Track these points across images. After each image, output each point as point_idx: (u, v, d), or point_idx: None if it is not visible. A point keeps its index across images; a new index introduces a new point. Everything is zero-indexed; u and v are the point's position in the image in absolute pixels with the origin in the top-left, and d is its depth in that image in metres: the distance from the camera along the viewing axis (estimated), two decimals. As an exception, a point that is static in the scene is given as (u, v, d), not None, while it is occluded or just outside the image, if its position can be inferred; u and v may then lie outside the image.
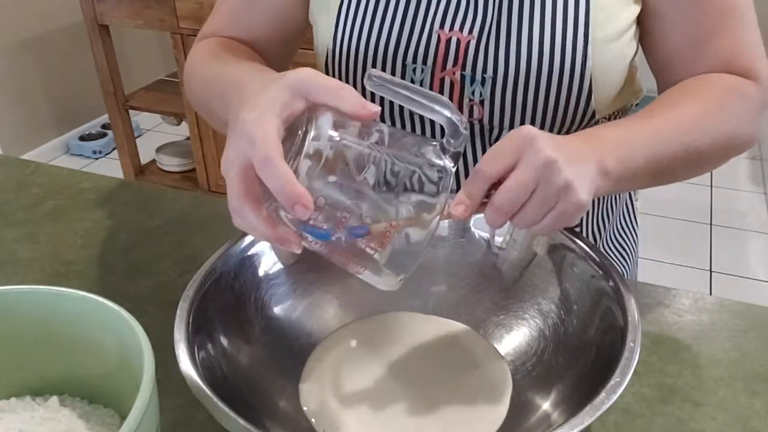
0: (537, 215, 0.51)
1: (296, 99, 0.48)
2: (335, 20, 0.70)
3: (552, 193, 0.49)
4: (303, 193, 0.44)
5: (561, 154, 0.49)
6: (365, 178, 0.47)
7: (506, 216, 0.51)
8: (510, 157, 0.50)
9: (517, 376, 0.60)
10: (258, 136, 0.45)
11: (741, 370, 0.62)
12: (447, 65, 0.67)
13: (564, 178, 0.49)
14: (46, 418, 0.51)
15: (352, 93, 0.48)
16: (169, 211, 0.88)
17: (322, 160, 0.46)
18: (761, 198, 2.57)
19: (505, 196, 0.50)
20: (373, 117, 0.48)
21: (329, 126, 0.46)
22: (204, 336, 0.54)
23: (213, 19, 0.79)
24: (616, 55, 0.66)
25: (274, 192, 0.45)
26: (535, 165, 0.49)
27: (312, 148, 0.45)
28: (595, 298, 0.58)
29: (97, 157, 2.98)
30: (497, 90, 0.66)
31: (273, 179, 0.44)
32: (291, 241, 0.48)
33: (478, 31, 0.66)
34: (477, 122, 0.69)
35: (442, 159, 0.49)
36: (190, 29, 2.14)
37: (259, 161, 0.45)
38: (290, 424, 0.55)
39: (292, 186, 0.44)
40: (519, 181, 0.49)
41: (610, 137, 0.56)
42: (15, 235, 0.84)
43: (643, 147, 0.57)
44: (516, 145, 0.50)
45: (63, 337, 0.52)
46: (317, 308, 0.65)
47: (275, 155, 0.44)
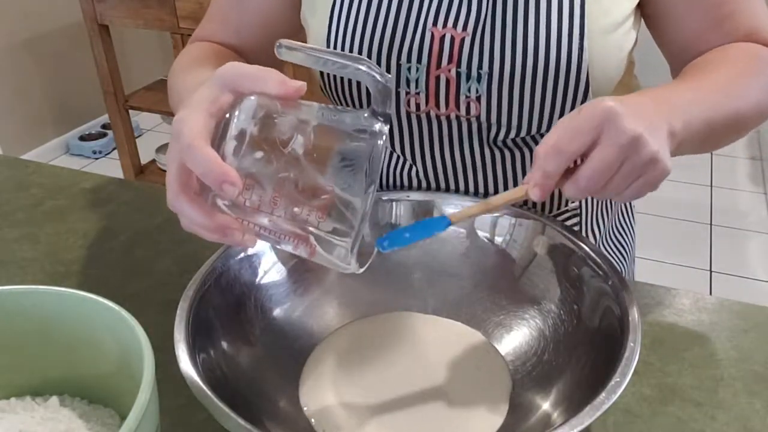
0: (621, 188, 0.51)
1: (224, 92, 0.48)
2: (328, 21, 0.70)
3: (638, 167, 0.50)
4: (227, 171, 0.44)
5: (644, 127, 0.49)
6: (293, 149, 0.46)
7: (591, 194, 0.51)
8: (591, 134, 0.49)
9: (517, 376, 0.60)
10: (182, 131, 0.46)
11: (741, 370, 0.62)
12: (442, 63, 0.67)
13: (650, 152, 0.49)
14: (46, 418, 0.51)
15: (275, 74, 0.48)
16: (169, 211, 0.87)
17: (247, 138, 0.46)
18: (761, 198, 2.57)
19: (591, 175, 0.50)
20: (298, 95, 0.48)
21: (253, 107, 0.47)
22: (204, 336, 0.55)
23: (204, 24, 0.80)
24: (613, 47, 0.65)
25: (202, 176, 0.45)
26: (620, 143, 0.48)
27: (236, 129, 0.46)
28: (595, 298, 0.58)
29: (97, 157, 2.98)
30: (494, 86, 0.66)
31: (197, 163, 0.45)
32: (233, 229, 0.48)
33: (472, 27, 0.65)
34: (474, 119, 0.69)
35: (372, 122, 0.48)
36: (190, 29, 2.14)
37: (182, 150, 0.46)
38: (290, 424, 0.55)
39: (215, 165, 0.44)
40: (605, 161, 0.49)
41: (678, 100, 0.56)
42: (15, 235, 0.84)
43: (702, 111, 0.57)
44: (597, 122, 0.49)
45: (63, 337, 0.52)
46: (317, 308, 0.65)
47: (197, 141, 0.45)
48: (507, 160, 0.72)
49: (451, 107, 0.68)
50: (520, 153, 0.72)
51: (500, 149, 0.72)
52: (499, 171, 0.73)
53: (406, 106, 0.70)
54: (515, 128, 0.69)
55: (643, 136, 0.49)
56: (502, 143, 0.71)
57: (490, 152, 0.72)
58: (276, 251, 0.64)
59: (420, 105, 0.69)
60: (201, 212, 0.48)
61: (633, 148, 0.49)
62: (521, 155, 0.72)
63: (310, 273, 0.66)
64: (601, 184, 0.50)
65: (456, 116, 0.69)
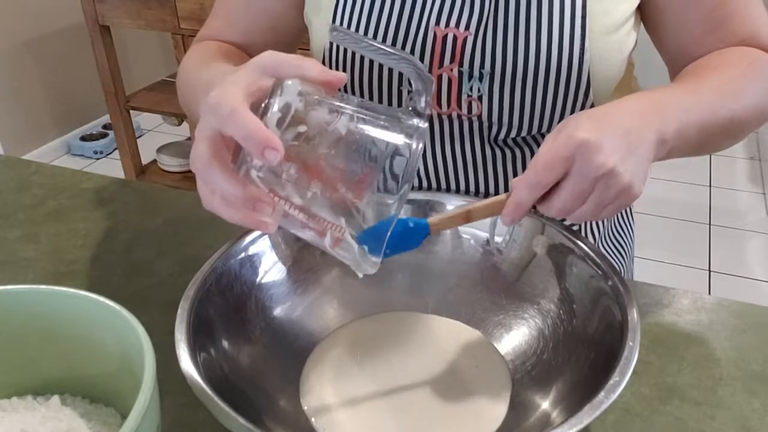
0: (589, 216, 0.52)
1: (263, 77, 0.47)
2: (331, 20, 0.70)
3: (609, 197, 0.50)
4: (271, 136, 0.43)
5: (619, 158, 0.49)
6: (336, 128, 0.46)
7: (562, 217, 0.53)
8: (563, 166, 0.50)
9: (516, 375, 0.60)
10: (222, 101, 0.44)
11: (740, 370, 0.62)
12: (444, 62, 0.67)
13: (621, 184, 0.49)
14: (47, 417, 0.51)
15: (315, 62, 0.48)
16: (170, 210, 0.88)
17: (292, 111, 0.45)
18: (760, 198, 2.57)
19: (561, 206, 0.51)
20: (341, 83, 0.48)
21: (297, 86, 0.46)
22: (205, 336, 0.55)
23: (210, 22, 0.79)
24: (614, 47, 0.66)
25: (243, 140, 0.43)
26: (590, 177, 0.49)
27: (281, 103, 0.45)
28: (595, 298, 0.58)
29: (98, 157, 2.99)
30: (495, 85, 0.66)
31: (239, 127, 0.43)
32: (264, 203, 0.46)
33: (474, 26, 0.66)
34: (476, 118, 0.69)
35: (413, 119, 0.48)
36: (191, 30, 2.14)
37: (223, 117, 0.44)
38: (290, 423, 0.55)
39: (259, 130, 0.43)
40: (575, 192, 0.50)
41: (672, 105, 0.56)
42: (16, 235, 0.84)
43: (697, 114, 0.57)
44: (569, 153, 0.49)
45: (64, 337, 0.52)
46: (317, 308, 0.66)
47: (240, 107, 0.44)
48: (508, 159, 0.73)
49: (452, 106, 0.69)
50: (521, 152, 0.72)
51: (501, 148, 0.72)
52: (500, 169, 0.74)
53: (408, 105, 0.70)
54: (516, 127, 0.69)
55: (615, 169, 0.49)
56: (503, 142, 0.71)
57: (491, 151, 0.72)
58: (276, 251, 0.64)
59: None
60: (234, 181, 0.45)
61: (603, 182, 0.49)
62: (522, 154, 0.72)
63: (311, 273, 0.66)
64: (572, 212, 0.52)
65: (457, 115, 0.69)
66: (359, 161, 0.46)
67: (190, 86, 0.68)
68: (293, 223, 0.48)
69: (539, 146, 0.72)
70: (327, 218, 0.47)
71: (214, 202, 0.47)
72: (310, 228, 0.48)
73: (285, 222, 0.48)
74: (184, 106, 0.73)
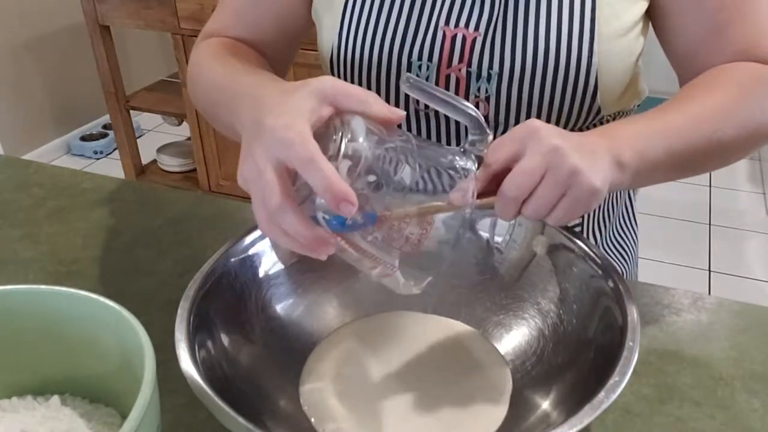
0: (548, 202, 0.50)
1: (323, 106, 0.47)
2: (340, 18, 0.70)
3: (561, 179, 0.49)
4: (348, 191, 0.43)
5: (567, 143, 0.50)
6: (402, 178, 0.47)
7: (516, 204, 0.51)
8: (513, 145, 0.50)
9: (516, 375, 0.60)
10: (295, 139, 0.44)
11: (740, 370, 0.62)
12: (453, 62, 0.67)
13: (572, 164, 0.49)
14: (47, 417, 0.51)
15: (378, 98, 0.48)
16: (170, 211, 0.88)
17: (362, 161, 0.45)
18: (760, 198, 2.57)
19: (512, 182, 0.50)
20: (400, 120, 0.48)
21: (363, 128, 0.46)
22: (205, 335, 0.55)
23: (217, 17, 0.79)
24: (622, 51, 0.66)
25: (320, 191, 0.43)
26: (540, 151, 0.49)
27: (350, 149, 0.45)
28: (595, 298, 0.58)
29: (98, 157, 2.99)
30: (503, 86, 0.66)
31: (319, 178, 0.43)
32: (329, 245, 0.47)
33: (484, 27, 0.66)
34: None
35: (465, 161, 0.50)
36: (191, 30, 2.14)
37: (301, 161, 0.44)
38: (290, 423, 0.55)
39: (339, 184, 0.43)
40: (525, 168, 0.50)
41: (625, 132, 0.56)
42: (16, 235, 0.84)
43: (661, 140, 0.57)
44: (520, 135, 0.50)
45: (64, 337, 0.52)
46: (317, 308, 0.66)
47: (318, 155, 0.44)
48: None
49: None
50: None
51: None
52: None
53: (415, 104, 0.70)
54: None
55: (564, 148, 0.49)
56: None
57: None
58: (276, 251, 0.64)
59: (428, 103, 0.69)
60: (306, 224, 0.46)
61: (554, 157, 0.49)
62: None
63: (311, 273, 0.66)
64: (525, 192, 0.50)
65: None
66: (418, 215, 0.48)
67: (217, 86, 0.66)
68: (349, 255, 0.49)
69: None
70: (383, 259, 0.48)
71: (273, 231, 0.48)
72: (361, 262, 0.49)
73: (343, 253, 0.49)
74: (205, 107, 0.71)
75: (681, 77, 0.71)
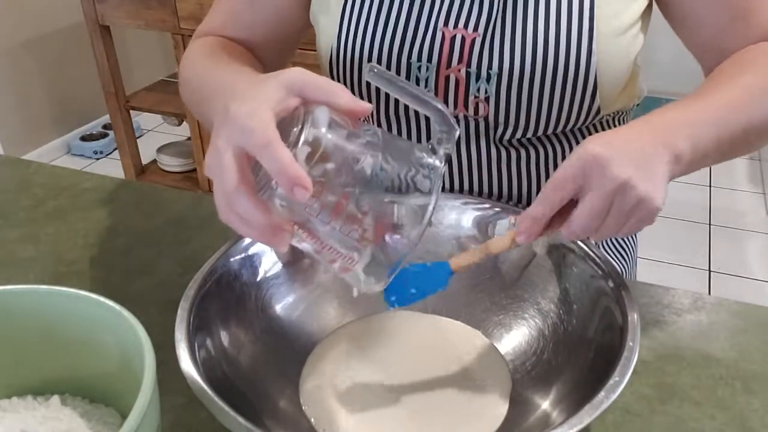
0: (613, 231, 0.52)
1: (290, 96, 0.47)
2: (339, 19, 0.70)
3: (627, 211, 0.50)
4: (302, 175, 0.43)
5: (633, 170, 0.49)
6: (362, 168, 0.46)
7: (586, 236, 0.53)
8: (576, 181, 0.50)
9: (516, 375, 0.60)
10: (255, 126, 0.44)
11: (740, 370, 0.62)
12: (452, 63, 0.67)
13: (638, 196, 0.50)
14: (47, 417, 0.51)
15: (345, 90, 0.48)
16: (170, 211, 0.88)
17: (321, 149, 0.45)
18: (760, 198, 2.57)
19: (581, 223, 0.51)
20: (366, 113, 0.48)
21: (326, 117, 0.46)
22: (204, 335, 0.55)
23: (212, 17, 0.79)
24: (621, 50, 0.66)
25: (275, 174, 0.44)
26: (606, 190, 0.49)
27: (311, 136, 0.45)
28: (595, 298, 0.58)
29: (98, 157, 2.98)
30: (503, 86, 0.66)
31: (274, 161, 0.43)
32: (285, 231, 0.47)
33: (483, 27, 0.66)
34: (482, 120, 0.69)
35: (432, 158, 0.49)
36: (191, 30, 2.14)
37: (259, 146, 0.44)
38: (290, 423, 0.55)
39: (291, 167, 0.43)
40: (594, 209, 0.50)
41: (678, 122, 0.56)
42: (16, 235, 0.84)
43: (709, 127, 0.57)
44: (583, 169, 0.50)
45: (64, 337, 0.52)
46: (317, 308, 0.66)
47: (276, 140, 0.44)
48: (513, 159, 0.73)
49: (459, 107, 0.69)
50: (526, 152, 0.72)
51: (506, 148, 0.72)
52: (504, 169, 0.74)
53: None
54: (522, 128, 0.69)
55: (630, 181, 0.49)
56: (508, 142, 0.71)
57: (497, 151, 0.72)
58: (276, 251, 0.64)
59: None
60: (261, 209, 0.46)
61: (620, 194, 0.50)
62: (527, 154, 0.73)
63: (310, 273, 0.66)
64: (594, 228, 0.52)
65: (464, 116, 0.69)
66: (381, 205, 0.48)
67: (201, 83, 0.67)
68: (307, 247, 0.49)
69: (543, 146, 0.72)
70: (341, 251, 0.48)
71: (231, 218, 0.47)
72: (321, 254, 0.49)
73: (296, 241, 0.49)
74: (190, 102, 0.72)
75: (705, 65, 0.70)
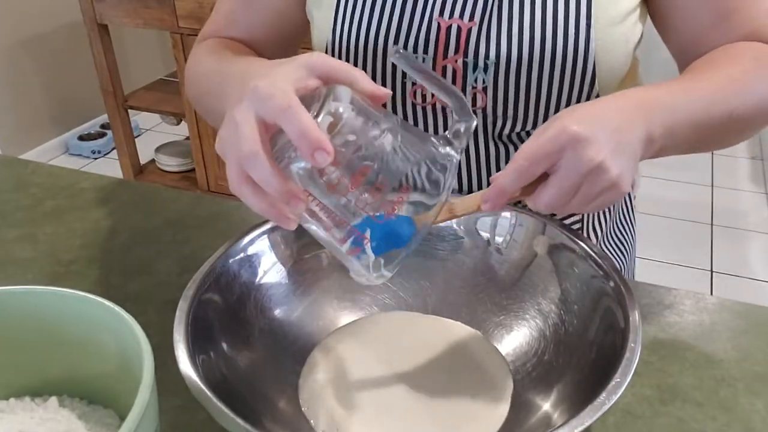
0: (577, 209, 0.52)
1: (311, 77, 0.47)
2: (334, 13, 0.70)
3: (596, 192, 0.50)
4: (324, 139, 0.43)
5: (608, 153, 0.49)
6: (383, 144, 0.47)
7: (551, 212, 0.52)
8: (550, 159, 0.50)
9: (517, 376, 0.59)
10: (276, 92, 0.44)
11: (742, 371, 0.62)
12: (449, 53, 0.67)
13: (609, 179, 0.49)
14: (45, 418, 0.51)
15: (365, 75, 0.48)
16: (169, 210, 0.88)
17: (342, 121, 0.45)
18: (762, 198, 2.57)
19: (549, 200, 0.50)
20: (386, 98, 0.49)
21: (349, 94, 0.47)
22: (203, 336, 0.54)
23: (213, 20, 0.79)
24: (619, 38, 0.65)
25: (296, 137, 0.43)
26: (579, 171, 0.49)
27: (333, 107, 0.45)
28: (596, 299, 0.58)
29: (96, 156, 2.98)
30: (500, 76, 0.66)
31: (295, 123, 0.43)
32: (299, 200, 0.46)
33: (479, 16, 0.66)
34: (480, 111, 0.69)
35: (448, 149, 0.50)
36: (189, 29, 2.14)
37: (279, 109, 0.43)
38: (290, 424, 0.55)
39: (313, 130, 0.43)
40: (563, 187, 0.50)
41: (658, 103, 0.55)
42: (14, 235, 0.84)
43: (689, 113, 0.56)
44: (558, 146, 0.49)
45: (62, 338, 0.52)
46: (317, 309, 0.65)
47: (297, 104, 0.43)
48: (511, 156, 0.73)
49: None
50: None
51: (505, 144, 0.72)
52: (503, 165, 0.73)
53: (412, 98, 0.70)
54: (521, 120, 0.69)
55: (604, 163, 0.49)
56: (507, 138, 0.71)
57: (495, 147, 0.72)
58: (275, 251, 0.64)
59: (426, 96, 0.69)
60: (278, 174, 0.45)
61: (592, 176, 0.49)
62: None
63: (310, 273, 0.66)
64: (560, 205, 0.51)
65: None
66: (398, 182, 0.47)
67: (208, 76, 0.67)
68: (318, 223, 0.49)
69: None
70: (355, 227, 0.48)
71: (243, 188, 0.47)
72: (331, 231, 0.49)
73: (304, 219, 0.49)
74: (198, 96, 0.72)
75: (682, 67, 0.70)
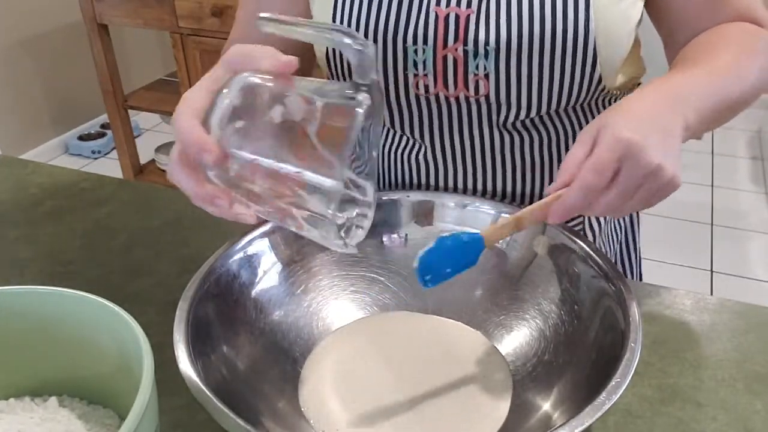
0: (636, 209, 0.53)
1: (227, 72, 0.51)
2: (332, 7, 0.70)
3: (655, 191, 0.52)
4: (203, 139, 0.47)
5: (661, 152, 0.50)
6: (270, 117, 0.48)
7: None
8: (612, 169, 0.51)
9: (517, 376, 0.59)
10: (177, 111, 0.49)
11: (742, 371, 0.62)
12: (448, 42, 0.66)
13: (666, 178, 0.51)
14: (45, 418, 0.51)
15: (267, 52, 0.50)
16: (169, 211, 0.88)
17: (231, 110, 0.48)
18: (762, 198, 2.57)
19: (608, 205, 0.52)
20: (289, 69, 0.50)
21: (241, 82, 0.49)
22: (203, 337, 0.54)
23: (234, 28, 0.81)
24: (619, 17, 0.65)
25: (185, 146, 0.47)
26: (640, 175, 0.50)
27: (224, 100, 0.48)
28: (596, 299, 0.58)
29: (96, 156, 2.98)
30: (501, 61, 0.66)
31: (179, 133, 0.47)
32: (219, 198, 0.50)
33: (476, 3, 0.65)
34: (483, 99, 0.69)
35: (355, 93, 0.47)
36: (189, 29, 2.14)
37: (175, 126, 0.48)
38: (290, 424, 0.55)
39: (191, 135, 0.47)
40: (623, 192, 0.51)
41: (691, 92, 0.57)
42: (14, 235, 0.84)
43: (711, 97, 0.58)
44: (618, 155, 0.50)
45: (62, 338, 0.52)
46: (316, 309, 0.65)
47: (182, 115, 0.48)
48: (516, 144, 0.73)
49: (459, 87, 0.68)
50: (529, 136, 0.72)
51: (509, 132, 0.72)
52: (508, 155, 0.73)
53: (415, 89, 0.70)
54: (525, 107, 0.68)
55: (661, 165, 0.50)
56: (512, 126, 0.71)
57: (500, 135, 0.72)
58: (275, 252, 0.64)
59: (429, 87, 0.69)
60: (192, 181, 0.50)
61: (652, 177, 0.51)
62: (530, 139, 0.72)
63: (310, 273, 0.66)
64: (620, 209, 0.53)
65: (465, 97, 0.69)
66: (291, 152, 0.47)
67: None
68: (261, 213, 0.51)
69: (547, 130, 0.72)
70: (282, 206, 0.49)
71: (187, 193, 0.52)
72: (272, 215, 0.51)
73: (260, 212, 0.51)
74: None
75: (669, 46, 0.72)
